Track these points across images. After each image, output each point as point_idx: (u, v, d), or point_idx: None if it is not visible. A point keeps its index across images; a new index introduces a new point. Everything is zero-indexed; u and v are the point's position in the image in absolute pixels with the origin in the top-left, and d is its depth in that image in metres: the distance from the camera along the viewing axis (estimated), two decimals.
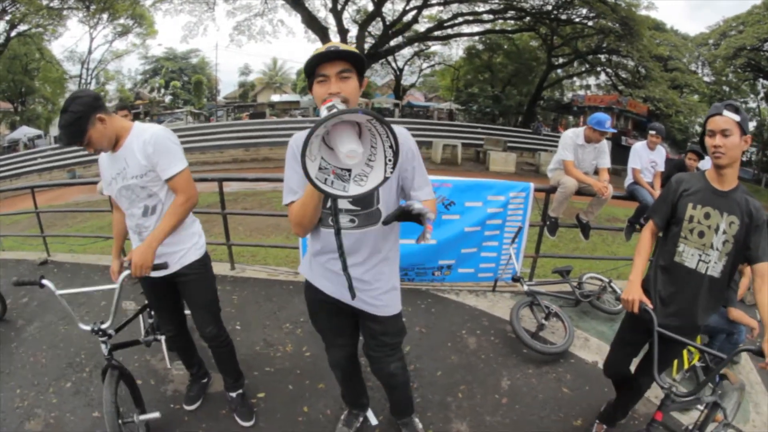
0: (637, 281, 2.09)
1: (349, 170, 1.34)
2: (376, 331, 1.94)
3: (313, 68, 1.49)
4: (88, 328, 2.06)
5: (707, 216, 1.95)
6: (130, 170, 2.04)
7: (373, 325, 1.93)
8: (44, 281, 2.10)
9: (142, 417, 2.21)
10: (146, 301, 2.65)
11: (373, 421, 2.52)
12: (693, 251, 1.99)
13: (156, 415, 2.23)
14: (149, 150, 1.99)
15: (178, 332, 2.51)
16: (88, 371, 2.97)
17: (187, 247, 2.22)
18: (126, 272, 2.04)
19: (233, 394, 2.58)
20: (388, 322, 1.92)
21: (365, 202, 1.69)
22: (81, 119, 1.87)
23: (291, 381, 2.88)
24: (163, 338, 2.77)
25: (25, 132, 25.38)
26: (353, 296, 1.81)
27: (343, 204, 1.69)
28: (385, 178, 1.30)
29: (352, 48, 1.51)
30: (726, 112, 1.82)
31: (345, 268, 1.77)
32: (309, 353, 3.18)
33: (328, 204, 1.67)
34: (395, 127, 1.63)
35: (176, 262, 2.19)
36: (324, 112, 1.29)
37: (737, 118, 1.81)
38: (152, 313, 2.72)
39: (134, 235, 2.23)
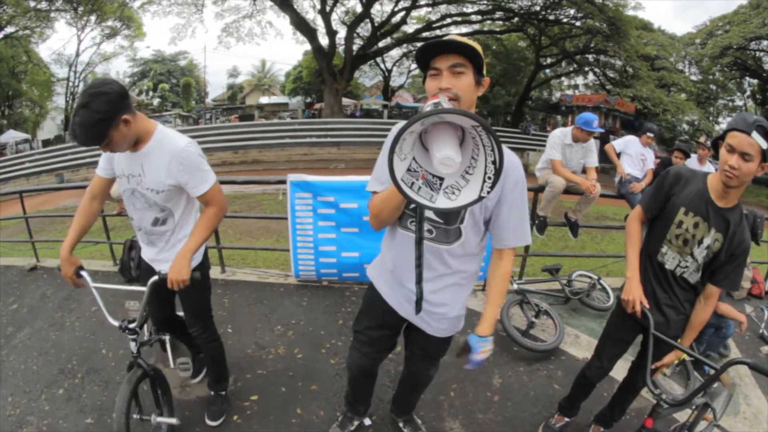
0: (635, 277, 1.99)
1: (441, 178, 1.17)
2: (428, 348, 1.90)
3: (427, 61, 1.38)
4: (116, 323, 1.99)
5: (696, 225, 1.85)
6: (146, 181, 1.93)
7: (426, 343, 1.86)
8: (82, 272, 2.03)
9: (159, 419, 2.19)
10: None
11: (367, 421, 2.53)
12: (675, 255, 1.94)
13: (173, 420, 2.21)
14: (176, 168, 1.88)
15: (174, 333, 2.50)
16: (80, 377, 2.95)
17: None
18: (155, 278, 1.94)
19: (212, 393, 2.62)
20: (444, 342, 1.87)
21: (450, 216, 1.53)
22: (105, 120, 1.63)
23: (284, 383, 2.88)
24: (167, 337, 2.71)
25: (12, 136, 25.16)
26: (418, 311, 1.69)
27: (426, 210, 1.53)
28: (480, 198, 1.12)
29: (470, 41, 1.35)
30: (755, 135, 1.60)
31: (419, 281, 1.63)
32: (301, 355, 3.19)
33: (412, 205, 1.42)
34: (505, 148, 1.50)
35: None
36: (428, 109, 1.09)
37: (764, 145, 1.60)
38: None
39: (141, 235, 2.18)
